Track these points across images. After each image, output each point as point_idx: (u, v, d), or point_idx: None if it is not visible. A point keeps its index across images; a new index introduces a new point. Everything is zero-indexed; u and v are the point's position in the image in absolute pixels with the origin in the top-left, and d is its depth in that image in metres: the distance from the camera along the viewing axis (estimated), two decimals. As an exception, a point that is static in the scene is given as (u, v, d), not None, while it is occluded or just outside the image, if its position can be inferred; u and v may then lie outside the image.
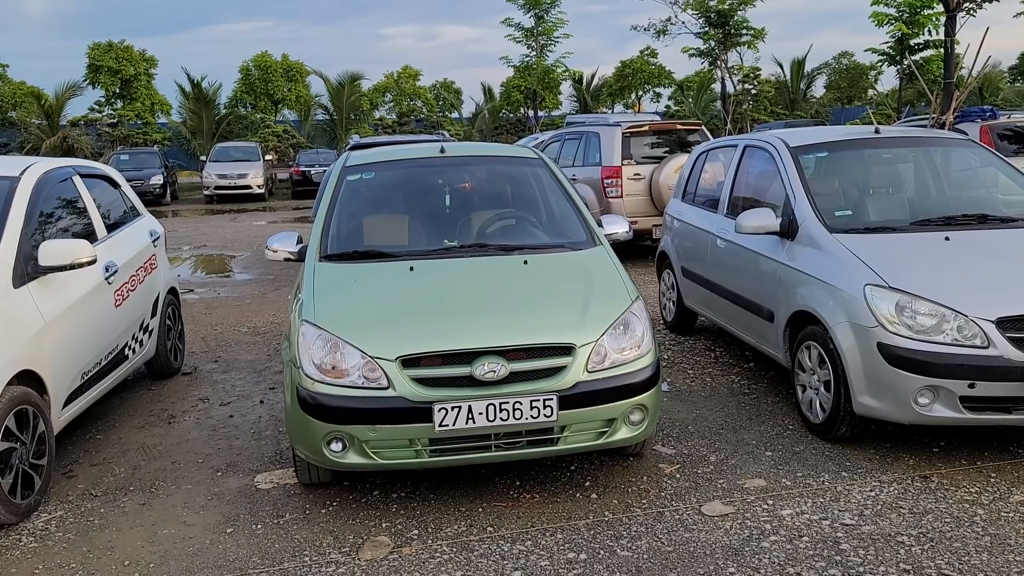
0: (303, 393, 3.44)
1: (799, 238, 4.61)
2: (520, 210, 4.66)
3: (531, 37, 24.64)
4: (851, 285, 4.06)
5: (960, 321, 3.71)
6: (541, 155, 4.99)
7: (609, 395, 3.49)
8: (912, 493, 3.62)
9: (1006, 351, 3.63)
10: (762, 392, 5.12)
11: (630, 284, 3.93)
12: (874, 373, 3.88)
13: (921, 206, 4.76)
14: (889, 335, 3.81)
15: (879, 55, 24.77)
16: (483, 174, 4.89)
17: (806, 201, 4.68)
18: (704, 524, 3.42)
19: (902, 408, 3.80)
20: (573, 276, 3.95)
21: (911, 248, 4.22)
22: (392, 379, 3.35)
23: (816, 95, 41.08)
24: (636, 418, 3.60)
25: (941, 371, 3.68)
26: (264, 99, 34.52)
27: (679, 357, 6.01)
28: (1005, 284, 3.84)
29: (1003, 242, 4.24)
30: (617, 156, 10.20)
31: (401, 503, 3.70)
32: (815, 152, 5.14)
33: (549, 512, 3.57)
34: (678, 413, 4.80)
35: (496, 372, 3.36)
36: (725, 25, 22.36)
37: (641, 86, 36.99)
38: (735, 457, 4.12)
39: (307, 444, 3.50)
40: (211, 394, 5.45)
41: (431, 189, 4.74)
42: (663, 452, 4.21)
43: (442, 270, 3.95)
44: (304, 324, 3.60)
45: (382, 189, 4.71)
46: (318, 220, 4.37)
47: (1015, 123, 11.18)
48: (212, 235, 15.68)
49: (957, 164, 5.15)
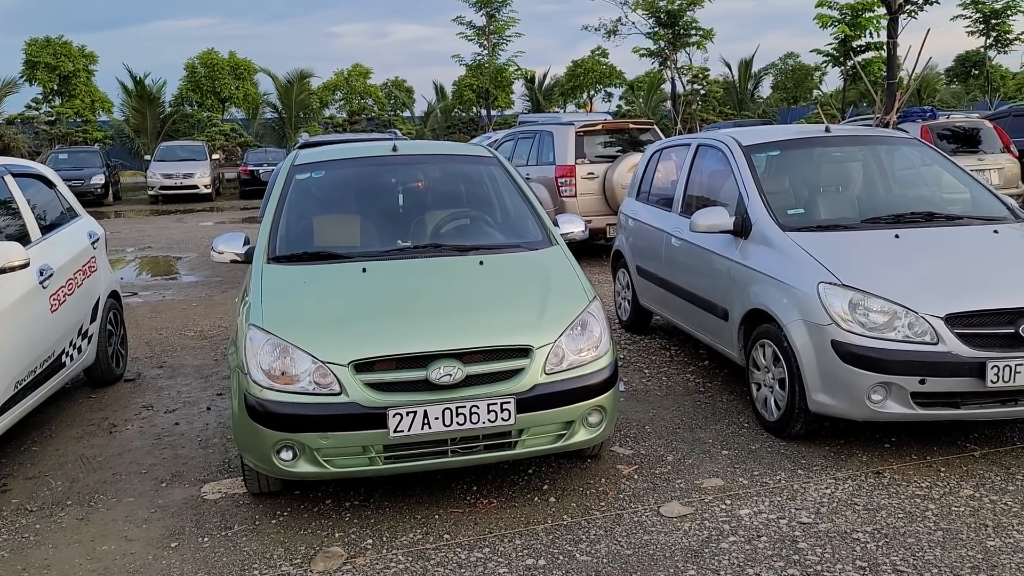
0: (251, 400, 3.32)
1: (752, 236, 4.63)
2: (475, 209, 4.59)
3: (483, 36, 24.55)
4: (804, 283, 4.08)
5: (911, 318, 3.76)
6: (495, 154, 4.93)
7: (567, 397, 3.44)
8: (866, 489, 3.65)
9: (955, 347, 3.68)
10: (717, 390, 5.14)
11: (587, 284, 3.88)
12: (828, 370, 3.90)
13: (871, 204, 4.82)
14: (842, 332, 3.84)
15: (823, 56, 25.28)
16: (437, 173, 4.80)
17: (759, 200, 4.70)
18: (663, 526, 3.39)
19: (856, 405, 3.83)
20: (529, 276, 3.89)
21: (863, 246, 4.27)
22: (344, 384, 3.25)
23: (763, 95, 41.84)
24: (594, 420, 3.56)
25: (893, 368, 3.72)
26: (211, 97, 33.77)
27: (635, 356, 6.01)
28: (953, 281, 3.90)
29: (950, 240, 4.31)
30: (571, 155, 10.18)
31: (355, 511, 3.60)
32: (767, 151, 5.17)
33: (507, 517, 3.51)
34: (635, 413, 4.78)
35: (452, 375, 3.28)
36: (674, 25, 22.57)
37: (592, 86, 37.20)
38: (692, 456, 4.11)
39: (256, 453, 3.38)
40: (155, 401, 5.26)
41: (383, 188, 4.63)
42: (621, 453, 4.18)
43: (396, 271, 3.86)
44: (252, 329, 3.47)
45: (332, 188, 4.59)
46: (266, 220, 4.24)
47: (954, 123, 11.50)
48: (157, 236, 15.26)
49: (904, 163, 5.24)
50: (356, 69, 35.54)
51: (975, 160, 10.94)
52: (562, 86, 36.89)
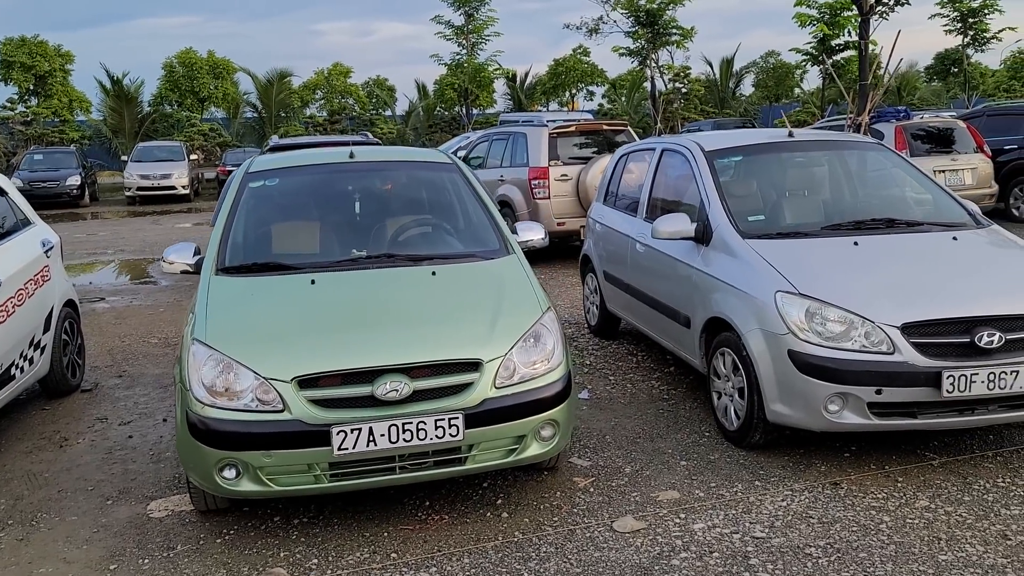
0: (193, 417, 3.24)
1: (713, 243, 4.58)
2: (432, 217, 4.51)
3: (461, 35, 24.44)
4: (762, 291, 4.04)
5: (867, 327, 3.72)
6: (455, 159, 4.86)
7: (518, 411, 3.38)
8: (822, 502, 3.61)
9: (911, 357, 3.65)
10: (681, 398, 5.09)
11: (541, 294, 3.82)
12: (785, 380, 3.86)
13: (832, 210, 4.78)
14: (799, 342, 3.80)
15: (802, 55, 25.36)
16: (394, 180, 4.72)
17: (720, 206, 4.66)
18: (615, 542, 3.34)
19: (813, 415, 3.79)
20: (482, 287, 3.82)
21: (821, 253, 4.23)
22: (287, 401, 3.17)
23: (745, 94, 41.96)
24: (547, 434, 3.50)
25: (849, 378, 3.68)
26: (189, 97, 33.46)
27: (601, 363, 5.96)
28: (910, 289, 3.87)
29: (909, 247, 4.28)
30: (544, 157, 10.13)
31: (302, 529, 3.52)
32: (729, 156, 5.13)
33: (457, 534, 3.44)
34: (597, 422, 4.73)
35: (399, 391, 3.21)
36: (654, 24, 22.56)
37: (574, 84, 37.16)
38: (650, 468, 4.06)
39: (198, 471, 3.30)
40: (111, 413, 5.16)
41: (339, 196, 4.55)
42: (579, 464, 4.13)
43: (345, 283, 3.78)
44: (195, 344, 3.39)
45: (286, 196, 4.50)
46: (216, 230, 4.15)
47: (928, 123, 11.53)
48: (131, 238, 15.09)
49: (866, 168, 5.21)
50: (336, 68, 35.31)
51: (948, 160, 10.99)
52: (544, 85, 36.82)
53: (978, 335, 3.64)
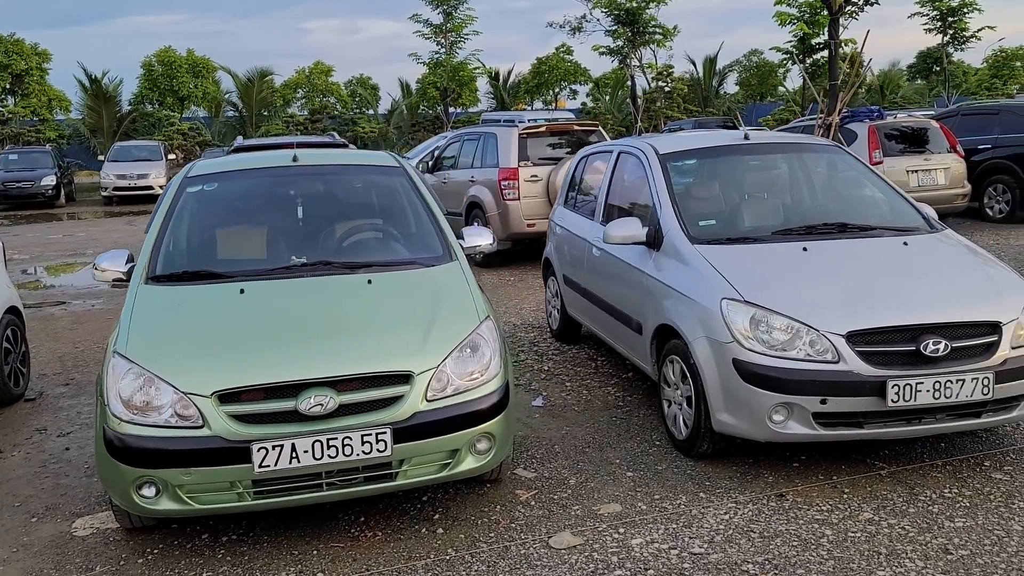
0: (109, 434, 3.12)
1: (664, 248, 4.50)
2: (375, 223, 4.40)
3: (440, 33, 24.31)
4: (709, 298, 3.96)
5: (812, 336, 3.64)
6: (402, 162, 4.75)
7: (451, 425, 3.28)
8: (765, 515, 3.53)
9: (856, 366, 3.57)
10: (636, 405, 5.01)
11: (481, 303, 3.73)
12: (730, 389, 3.78)
13: (784, 215, 4.70)
14: (744, 351, 3.72)
15: (783, 53, 25.37)
16: (338, 184, 4.60)
17: (671, 210, 4.57)
18: (549, 559, 3.24)
19: (757, 425, 3.71)
20: (419, 295, 3.72)
21: (770, 259, 4.15)
22: (207, 417, 3.06)
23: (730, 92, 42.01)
24: (483, 447, 3.41)
25: (793, 387, 3.60)
26: (169, 96, 33.16)
27: (560, 368, 5.87)
28: (856, 297, 3.79)
29: (858, 252, 4.20)
30: (514, 157, 10.02)
31: (229, 548, 3.41)
32: (683, 159, 5.04)
33: (388, 552, 3.34)
34: (548, 431, 4.64)
35: (324, 405, 3.11)
36: (634, 23, 22.50)
37: (557, 83, 37.08)
38: (595, 479, 3.97)
39: (116, 489, 3.18)
40: (51, 423, 5.02)
41: (280, 201, 4.43)
42: (523, 476, 4.03)
43: (276, 292, 3.66)
44: (115, 356, 3.28)
45: (225, 202, 4.38)
46: (149, 237, 4.03)
47: (901, 123, 11.49)
48: (103, 240, 14.88)
49: (823, 171, 5.14)
50: (318, 67, 35.09)
51: (922, 160, 10.97)
52: (527, 83, 36.72)
53: (924, 343, 3.57)
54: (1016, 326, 3.71)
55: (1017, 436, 4.24)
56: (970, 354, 3.63)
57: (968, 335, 3.65)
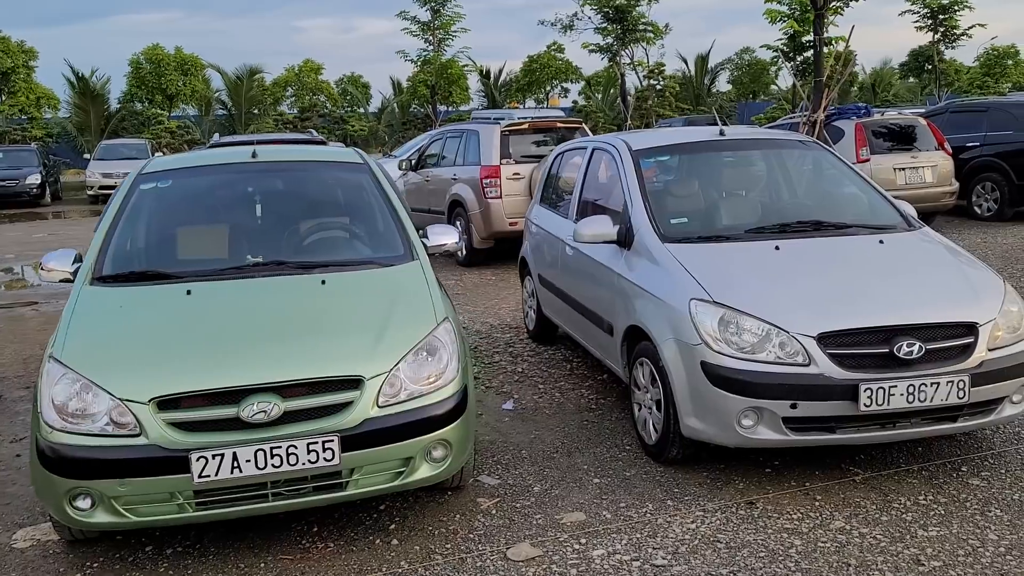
0: (42, 443, 2.98)
1: (634, 247, 4.36)
2: (334, 221, 4.26)
3: (428, 30, 24.14)
4: (677, 299, 3.82)
5: (782, 338, 3.51)
6: (366, 159, 4.60)
7: (403, 432, 3.14)
8: (733, 524, 3.40)
9: (827, 369, 3.44)
10: (608, 408, 4.88)
11: (440, 304, 3.58)
12: (698, 393, 3.65)
13: (759, 213, 4.57)
14: (713, 353, 3.58)
15: (773, 51, 25.23)
16: (298, 181, 4.46)
17: (643, 208, 4.43)
18: (506, 571, 3.11)
19: (726, 431, 3.58)
20: (375, 296, 3.57)
21: (741, 259, 4.01)
22: (144, 425, 2.92)
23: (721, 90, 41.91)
24: (439, 455, 3.27)
25: (763, 391, 3.47)
26: (158, 94, 32.92)
27: (534, 370, 5.73)
28: (828, 297, 3.66)
29: (832, 251, 4.07)
30: (496, 155, 9.87)
31: (173, 561, 3.26)
32: (656, 156, 4.91)
33: (340, 565, 3.20)
34: (516, 435, 4.50)
35: (267, 412, 2.97)
36: (624, 21, 22.36)
37: (549, 81, 36.94)
38: (561, 486, 3.84)
39: (50, 501, 3.04)
40: (6, 428, 4.88)
41: (237, 199, 4.29)
42: (486, 483, 3.89)
43: (224, 293, 3.52)
44: (50, 362, 3.13)
45: (179, 199, 4.23)
46: (97, 235, 3.88)
47: (888, 121, 11.38)
48: (84, 239, 14.51)
49: (800, 167, 5.01)
50: (307, 65, 34.86)
51: (909, 158, 10.86)
52: (518, 81, 36.57)
53: (897, 345, 3.44)
54: (993, 327, 3.59)
55: (996, 439, 4.12)
56: (945, 356, 3.50)
57: (943, 337, 3.52)
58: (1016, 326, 3.68)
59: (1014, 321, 3.68)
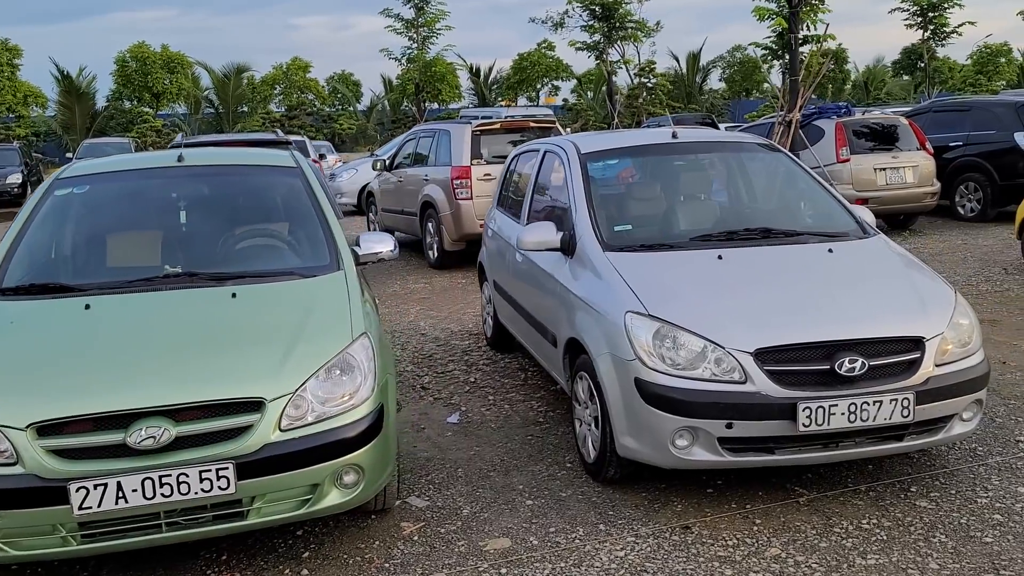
0: (-89, 471, 2.78)
1: (577, 255, 4.18)
2: (258, 229, 4.06)
3: (412, 28, 23.91)
4: (614, 312, 3.63)
5: (718, 353, 3.32)
6: (300, 162, 4.40)
7: (309, 457, 2.95)
8: (664, 551, 3.21)
9: (764, 386, 3.26)
10: (556, 422, 4.69)
11: (358, 317, 3.37)
12: (633, 411, 3.46)
13: (707, 220, 4.37)
14: (647, 370, 3.39)
15: (763, 49, 25.04)
16: (224, 186, 4.26)
17: (586, 214, 4.24)
18: (415, 605, 2.93)
19: (660, 451, 3.39)
20: (287, 309, 3.37)
21: (682, 269, 3.82)
22: (21, 452, 2.72)
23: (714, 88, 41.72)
24: (350, 480, 3.07)
25: (697, 410, 3.29)
26: (143, 92, 32.67)
27: (486, 380, 5.54)
28: (767, 310, 3.47)
29: (777, 260, 3.88)
30: (466, 156, 9.68)
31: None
32: (606, 159, 4.72)
33: (241, 597, 3.02)
34: (456, 451, 4.32)
35: (156, 438, 2.77)
36: (610, 18, 22.17)
37: (539, 79, 36.73)
38: (492, 508, 3.65)
39: (-75, 532, 2.84)
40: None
41: (157, 205, 4.08)
42: (413, 505, 3.71)
43: (125, 308, 3.32)
44: (-71, 383, 2.93)
45: (94, 206, 4.03)
46: (3, 244, 3.68)
47: (869, 120, 11.21)
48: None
49: (754, 172, 4.82)
50: (295, 63, 34.62)
51: (889, 158, 10.68)
52: (508, 80, 36.36)
53: (839, 361, 3.26)
54: (941, 342, 3.41)
55: (951, 457, 3.94)
56: (889, 373, 3.32)
57: (887, 352, 3.34)
58: (966, 340, 3.50)
59: (964, 335, 3.50)
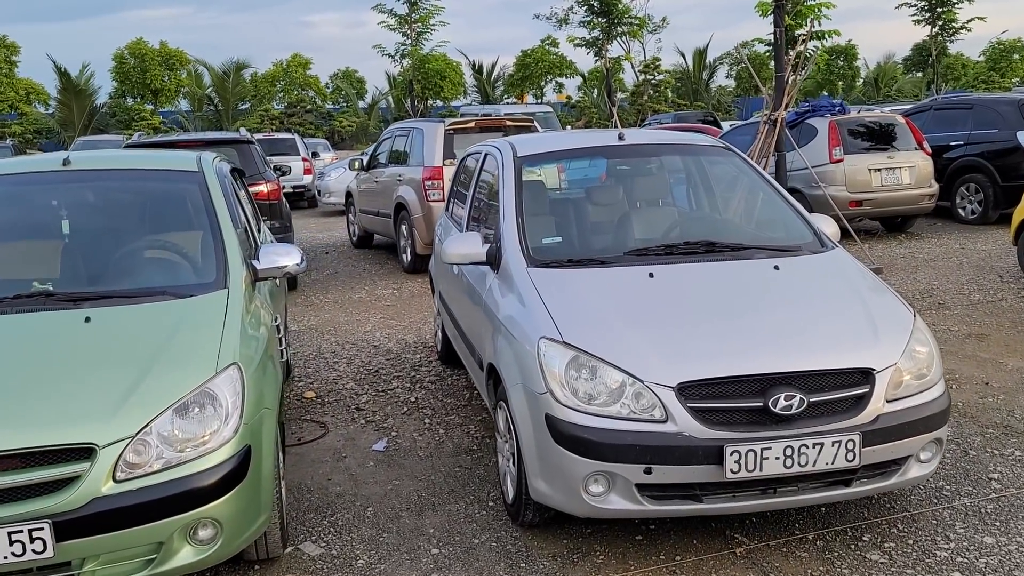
0: None
1: (501, 271, 3.76)
2: (146, 240, 3.68)
3: (406, 24, 23.52)
4: (529, 337, 3.22)
5: (637, 387, 2.90)
6: (203, 167, 4.00)
7: (147, 512, 2.55)
8: (570, 615, 2.81)
9: (687, 427, 2.84)
10: (490, 450, 4.28)
11: (232, 345, 2.97)
12: (544, 452, 3.05)
13: (646, 231, 3.94)
14: (558, 406, 2.97)
15: (765, 45, 24.50)
16: (110, 193, 3.87)
17: (514, 224, 3.83)
18: None
19: (573, 498, 2.98)
20: (145, 336, 2.97)
21: (609, 288, 3.39)
22: None
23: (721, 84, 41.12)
24: (205, 535, 2.68)
25: (611, 453, 2.87)
26: (143, 89, 32.46)
27: (428, 399, 5.14)
28: (694, 337, 3.04)
29: (714, 279, 3.44)
30: (439, 156, 9.28)
31: None
32: (542, 163, 4.30)
33: (73, 670, 2.62)
34: (372, 486, 3.92)
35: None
36: (609, 14, 21.71)
37: (543, 76, 36.27)
38: (391, 558, 3.25)
39: None
40: None
41: (34, 214, 3.71)
42: (305, 554, 3.31)
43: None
44: None
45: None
46: None
47: (864, 119, 10.72)
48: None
49: (705, 177, 4.38)
50: (295, 59, 34.31)
51: (885, 158, 10.19)
52: (512, 77, 35.94)
53: (773, 398, 2.83)
54: (894, 373, 2.97)
55: (913, 498, 3.51)
56: (832, 411, 2.89)
57: (830, 387, 2.91)
58: (924, 372, 3.06)
59: (922, 366, 3.06)
